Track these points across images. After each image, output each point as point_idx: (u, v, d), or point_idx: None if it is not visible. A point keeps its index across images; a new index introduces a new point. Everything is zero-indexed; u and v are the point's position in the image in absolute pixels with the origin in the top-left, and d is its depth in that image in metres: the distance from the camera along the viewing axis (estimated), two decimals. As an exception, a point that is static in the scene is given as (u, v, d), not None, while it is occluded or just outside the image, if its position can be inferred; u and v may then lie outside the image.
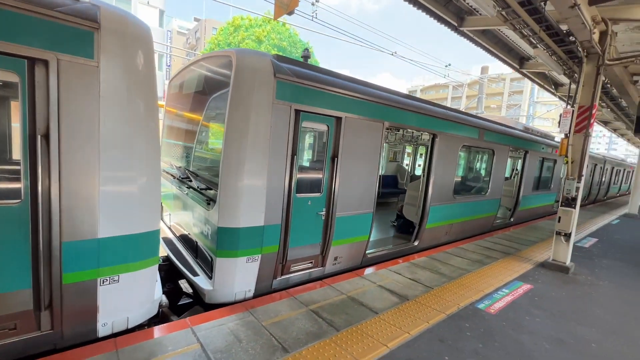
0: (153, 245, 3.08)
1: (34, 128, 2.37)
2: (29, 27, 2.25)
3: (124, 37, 2.66)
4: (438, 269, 5.25)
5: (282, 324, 3.28)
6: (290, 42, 19.69)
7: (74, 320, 2.71)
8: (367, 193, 4.88)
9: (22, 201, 2.38)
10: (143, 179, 2.89)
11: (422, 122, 5.61)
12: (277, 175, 3.77)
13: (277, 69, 3.59)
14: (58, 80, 2.39)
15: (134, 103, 2.77)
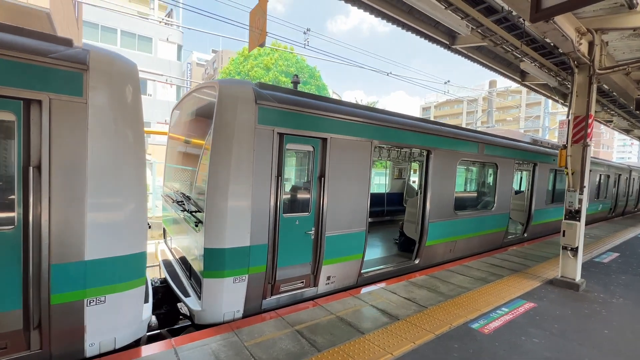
0: (139, 266, 3.23)
1: (27, 160, 2.63)
2: (26, 72, 2.56)
3: (110, 75, 2.95)
4: (436, 287, 5.11)
5: (265, 344, 3.29)
6: (297, 67, 20.51)
7: (62, 340, 2.85)
8: (358, 211, 4.91)
9: (15, 227, 2.61)
10: (129, 204, 3.10)
11: (414, 139, 5.66)
12: (262, 196, 3.90)
13: (259, 95, 3.81)
14: (50, 117, 2.66)
15: (121, 134, 3.02)
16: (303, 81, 21.00)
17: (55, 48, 2.72)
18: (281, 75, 19.37)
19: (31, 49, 2.58)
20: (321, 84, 22.22)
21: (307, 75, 21.22)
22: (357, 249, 4.98)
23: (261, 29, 4.11)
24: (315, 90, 21.40)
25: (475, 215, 7.37)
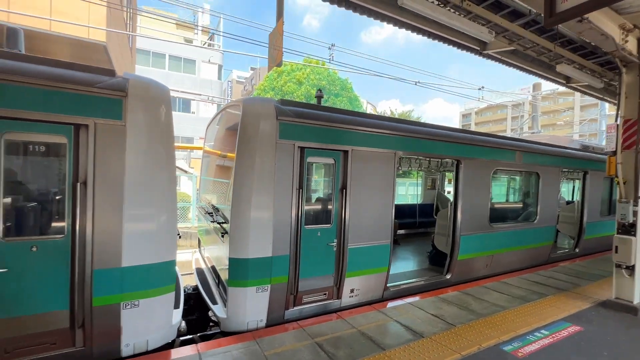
0: (169, 274, 3.48)
1: (76, 177, 3.00)
2: (76, 101, 2.95)
3: (146, 100, 3.28)
4: (468, 305, 4.83)
5: (284, 354, 3.34)
6: (328, 80, 20.88)
7: (102, 339, 3.14)
8: (381, 224, 4.84)
9: (65, 236, 2.97)
10: (161, 215, 3.37)
11: (441, 148, 5.50)
12: (283, 208, 4.03)
13: (279, 112, 3.98)
14: (95, 139, 3.02)
15: (154, 151, 3.33)
16: (334, 94, 21.29)
17: (101, 78, 3.10)
18: (313, 89, 19.79)
19: (80, 80, 2.97)
20: (353, 96, 22.34)
21: (339, 88, 21.47)
22: (381, 261, 4.89)
23: (278, 49, 4.33)
24: (347, 102, 21.57)
25: (514, 228, 6.88)
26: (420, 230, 9.50)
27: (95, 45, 7.90)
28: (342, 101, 21.53)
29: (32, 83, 2.78)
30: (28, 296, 2.86)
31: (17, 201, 2.89)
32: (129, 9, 13.38)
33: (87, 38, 7.68)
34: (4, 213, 2.77)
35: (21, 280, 2.82)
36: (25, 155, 2.93)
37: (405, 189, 16.85)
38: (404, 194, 17.13)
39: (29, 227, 2.93)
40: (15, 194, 2.88)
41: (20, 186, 2.94)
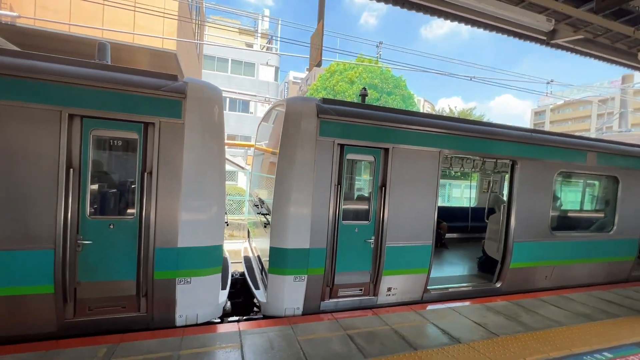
0: (217, 257, 3.87)
1: (144, 168, 3.52)
2: (145, 103, 3.46)
3: (201, 101, 3.70)
4: (517, 316, 4.48)
5: (315, 341, 3.50)
6: (381, 78, 20.50)
7: (161, 308, 3.64)
8: (422, 224, 4.73)
9: (135, 217, 3.50)
10: (211, 204, 3.77)
11: (493, 147, 5.15)
12: (322, 203, 4.18)
13: (320, 110, 4.14)
14: (159, 135, 3.51)
15: (207, 148, 3.74)
16: (387, 92, 20.86)
17: (165, 83, 3.58)
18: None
19: (149, 84, 3.47)
20: (407, 94, 21.62)
21: (392, 86, 20.97)
22: (421, 262, 4.77)
23: (317, 48, 4.48)
24: (400, 100, 20.98)
25: (583, 238, 6.12)
26: (473, 235, 8.92)
27: (168, 53, 8.96)
28: (395, 99, 21.03)
29: (113, 88, 3.33)
30: (106, 265, 3.44)
31: (100, 187, 3.50)
32: (197, 20, 14.76)
33: (161, 48, 8.74)
34: (91, 196, 3.37)
35: (101, 252, 3.42)
36: (106, 149, 3.52)
37: (460, 192, 15.89)
38: (458, 197, 16.17)
39: (108, 209, 3.52)
40: (99, 181, 3.49)
41: (102, 174, 3.55)
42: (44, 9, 7.78)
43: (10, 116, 3.05)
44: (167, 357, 3.06)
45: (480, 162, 7.99)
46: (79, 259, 3.35)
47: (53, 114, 3.17)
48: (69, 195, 3.23)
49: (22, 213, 3.11)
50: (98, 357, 2.97)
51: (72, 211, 3.27)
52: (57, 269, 3.21)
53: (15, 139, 3.08)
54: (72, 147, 3.28)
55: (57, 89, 3.17)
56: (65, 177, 3.21)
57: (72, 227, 3.29)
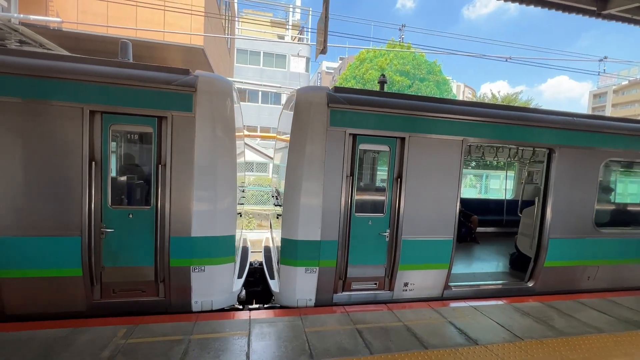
0: (229, 247, 3.97)
1: (159, 160, 3.67)
2: (158, 97, 3.58)
3: (212, 94, 3.75)
4: (549, 319, 4.10)
5: (322, 334, 3.48)
6: (413, 64, 19.52)
7: (177, 294, 3.83)
8: (443, 217, 4.46)
9: (151, 207, 3.69)
10: (223, 195, 3.86)
11: (526, 134, 4.68)
12: (333, 195, 4.10)
13: (331, 99, 4.01)
14: (172, 128, 3.63)
15: (218, 140, 3.81)
16: (419, 78, 19.87)
17: (177, 77, 3.68)
18: (396, 75, 18.92)
19: (162, 79, 3.58)
20: (441, 79, 20.43)
21: (425, 72, 19.92)
22: (441, 257, 4.53)
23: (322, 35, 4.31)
24: (434, 87, 19.89)
25: (635, 235, 5.42)
26: (508, 229, 8.31)
27: (195, 49, 9.25)
28: (429, 86, 20.00)
29: (128, 84, 3.49)
30: (127, 252, 3.68)
31: (120, 178, 3.72)
32: (227, 15, 15.06)
33: (189, 44, 9.05)
34: (112, 187, 3.60)
35: (123, 239, 3.65)
36: (125, 142, 3.72)
37: (499, 183, 14.87)
38: (497, 189, 15.17)
39: (127, 199, 3.74)
40: (118, 173, 3.71)
41: (121, 166, 3.76)
42: (84, 14, 8.37)
43: (40, 114, 3.32)
44: (179, 340, 3.22)
45: (516, 150, 7.36)
46: (102, 245, 3.61)
47: (76, 111, 3.40)
48: (92, 187, 3.47)
49: (53, 203, 3.41)
50: (118, 337, 3.20)
51: (96, 201, 3.52)
52: (83, 254, 3.49)
53: (45, 136, 3.35)
54: (94, 142, 3.51)
55: (78, 87, 3.39)
56: (89, 170, 3.45)
57: (96, 216, 3.54)
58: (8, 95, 3.26)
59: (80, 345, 3.04)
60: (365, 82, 19.53)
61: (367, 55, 20.19)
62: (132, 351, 2.99)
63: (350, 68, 21.41)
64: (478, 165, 16.06)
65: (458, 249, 6.77)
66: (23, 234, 3.37)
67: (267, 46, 27.86)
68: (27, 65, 3.32)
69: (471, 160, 14.44)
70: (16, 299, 3.46)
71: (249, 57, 28.34)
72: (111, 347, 3.02)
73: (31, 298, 3.49)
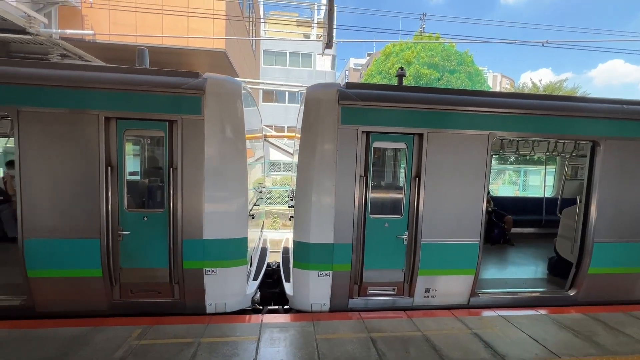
0: (241, 249, 3.94)
1: (170, 163, 3.72)
2: (168, 101, 3.62)
3: (220, 96, 3.73)
4: (593, 334, 3.63)
5: (334, 341, 3.33)
6: (442, 56, 18.46)
7: (192, 295, 3.87)
8: (467, 219, 4.12)
9: (164, 210, 3.74)
10: (233, 198, 3.83)
11: (566, 126, 4.19)
12: (346, 196, 3.92)
13: (342, 96, 3.83)
14: (182, 132, 3.66)
15: (228, 142, 3.78)
16: (449, 70, 18.85)
17: (186, 81, 3.69)
18: (423, 68, 18.10)
19: (172, 84, 3.61)
20: (474, 70, 19.22)
21: (455, 63, 18.83)
22: (466, 262, 4.19)
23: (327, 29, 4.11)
24: (466, 78, 18.77)
25: None
26: (548, 230, 7.59)
27: (218, 53, 9.44)
28: (460, 77, 18.93)
29: (139, 89, 3.56)
30: (143, 254, 3.77)
31: (134, 182, 3.81)
32: (251, 17, 15.27)
33: (212, 48, 9.24)
34: (127, 191, 3.70)
35: (138, 242, 3.74)
36: (138, 146, 3.81)
37: (539, 179, 13.76)
38: (537, 185, 14.07)
39: (142, 202, 3.83)
40: (133, 176, 3.80)
41: (136, 171, 3.86)
42: (115, 25, 8.84)
43: (60, 122, 3.48)
44: (189, 343, 3.23)
45: (555, 144, 6.68)
46: (120, 247, 3.72)
47: (93, 118, 3.52)
48: (109, 190, 3.59)
49: (75, 207, 3.56)
50: (132, 337, 3.27)
51: (113, 204, 3.63)
52: (103, 255, 3.62)
53: (67, 142, 3.51)
54: (110, 147, 3.62)
55: (94, 95, 3.51)
56: (105, 174, 3.57)
57: (114, 219, 3.65)
58: (37, 106, 3.44)
59: (97, 344, 3.14)
60: (391, 77, 18.88)
61: (393, 49, 19.50)
62: (144, 352, 3.03)
63: (375, 63, 20.86)
64: (517, 161, 14.98)
65: (490, 251, 6.30)
66: (50, 236, 3.56)
67: (293, 46, 28.02)
68: (53, 76, 3.49)
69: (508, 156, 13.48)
70: (45, 298, 3.67)
71: (275, 58, 28.69)
72: (124, 348, 3.09)
73: (57, 297, 3.69)
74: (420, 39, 15.03)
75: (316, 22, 30.89)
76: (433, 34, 12.07)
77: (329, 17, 4.23)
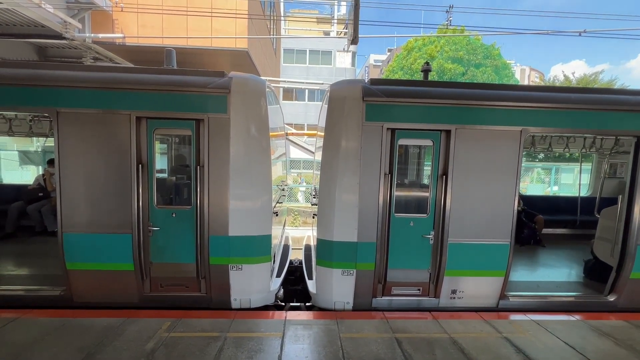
0: (265, 246, 3.98)
1: (198, 161, 3.80)
2: (195, 100, 3.70)
3: (245, 95, 3.77)
4: (636, 343, 3.40)
5: (358, 341, 3.30)
6: (467, 49, 17.75)
7: (218, 290, 3.95)
8: (497, 218, 3.96)
9: (192, 207, 3.84)
10: (258, 196, 3.88)
11: (605, 121, 3.93)
12: (370, 194, 3.87)
13: (367, 92, 3.77)
14: (208, 130, 3.73)
15: (253, 140, 3.82)
16: (475, 64, 18.14)
17: (212, 80, 3.76)
18: (447, 62, 17.50)
19: (197, 83, 3.69)
20: (501, 64, 18.37)
21: (481, 57, 18.08)
22: (495, 263, 4.03)
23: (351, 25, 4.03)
24: (492, 72, 18.00)
25: None
26: (583, 231, 7.18)
27: (240, 52, 9.57)
28: (486, 71, 18.18)
29: (168, 89, 3.66)
30: (172, 249, 3.89)
31: (163, 179, 3.93)
32: (272, 15, 15.38)
33: (234, 47, 9.38)
34: (157, 188, 3.82)
35: (167, 237, 3.86)
36: (167, 145, 3.92)
37: (573, 177, 13.07)
38: (570, 183, 13.37)
39: (170, 199, 3.94)
40: (162, 174, 3.92)
41: (165, 168, 3.97)
42: (144, 27, 9.15)
43: (95, 122, 3.64)
44: (216, 337, 3.30)
45: (592, 139, 6.29)
46: (150, 242, 3.86)
47: (125, 117, 3.66)
48: (140, 188, 3.72)
49: (109, 203, 3.73)
50: (162, 330, 3.39)
51: (144, 201, 3.77)
52: (134, 250, 3.76)
53: (101, 141, 3.67)
54: (141, 145, 3.75)
55: (125, 96, 3.64)
56: (137, 172, 3.70)
57: (144, 215, 3.79)
58: (74, 107, 3.62)
59: (130, 334, 3.27)
60: (414, 72, 18.46)
61: (415, 44, 18.98)
62: (173, 344, 3.13)
63: (397, 59, 20.42)
64: (547, 158, 14.28)
65: (520, 252, 6.04)
66: (87, 230, 3.75)
67: (313, 43, 28.00)
68: (88, 79, 3.65)
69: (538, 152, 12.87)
70: (82, 289, 3.87)
71: (295, 56, 28.78)
72: (155, 339, 3.21)
73: (93, 289, 3.88)
74: (444, 32, 14.55)
75: (336, 18, 30.70)
76: (458, 26, 11.65)
77: (355, 12, 4.17)
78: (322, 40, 28.69)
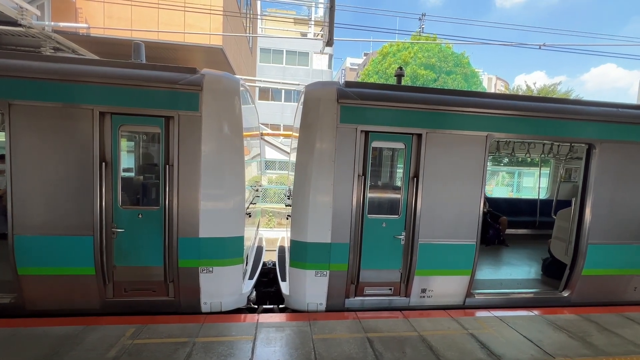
0: (237, 248, 3.90)
1: (166, 160, 3.65)
2: (164, 97, 3.56)
3: (218, 92, 3.68)
4: (587, 335, 3.67)
5: (331, 342, 3.31)
6: (439, 57, 18.55)
7: (187, 294, 3.81)
8: (464, 220, 4.13)
9: (159, 208, 3.68)
10: (230, 197, 3.79)
11: (563, 129, 4.22)
12: (343, 195, 3.90)
13: (341, 95, 3.81)
14: (178, 128, 3.60)
15: (225, 139, 3.73)
16: (445, 71, 18.95)
17: (183, 76, 3.63)
18: (420, 69, 18.15)
19: (167, 79, 3.55)
20: (470, 72, 19.33)
21: (452, 64, 18.94)
22: (463, 263, 4.20)
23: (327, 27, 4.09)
24: (462, 80, 18.88)
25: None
26: (542, 231, 7.68)
27: (215, 49, 9.33)
28: (456, 79, 19.03)
29: (135, 85, 3.49)
30: (137, 252, 3.70)
31: (130, 178, 3.74)
32: (248, 14, 15.14)
33: (209, 44, 9.14)
34: (122, 187, 3.63)
35: (133, 239, 3.68)
36: (134, 143, 3.74)
37: (533, 181, 13.92)
38: (531, 187, 14.23)
39: (137, 199, 3.76)
40: (128, 173, 3.73)
41: (131, 167, 3.79)
42: (110, 18, 8.69)
43: (53, 116, 3.40)
44: (184, 342, 3.18)
45: (550, 146, 6.75)
46: (114, 245, 3.65)
47: (87, 112, 3.45)
48: (103, 187, 3.52)
49: (67, 203, 3.49)
50: (125, 337, 3.21)
51: (107, 201, 3.56)
52: (96, 253, 3.55)
53: (60, 137, 3.43)
54: (105, 143, 3.55)
55: (88, 89, 3.43)
56: (99, 170, 3.49)
57: (107, 216, 3.58)
58: (29, 99, 3.35)
59: (90, 343, 3.08)
60: (388, 77, 18.92)
61: (390, 50, 19.53)
62: (138, 352, 2.98)
63: (372, 63, 20.86)
64: (510, 162, 15.14)
65: (485, 252, 6.34)
66: (42, 232, 3.48)
67: (290, 44, 27.89)
68: (46, 69, 3.40)
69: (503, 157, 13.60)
70: (35, 296, 3.59)
71: (272, 55, 28.54)
72: (118, 347, 3.04)
73: (49, 295, 3.61)
74: (418, 39, 15.07)
75: (313, 20, 30.80)
76: (430, 34, 12.09)
77: (330, 14, 4.20)
78: (299, 41, 28.67)
